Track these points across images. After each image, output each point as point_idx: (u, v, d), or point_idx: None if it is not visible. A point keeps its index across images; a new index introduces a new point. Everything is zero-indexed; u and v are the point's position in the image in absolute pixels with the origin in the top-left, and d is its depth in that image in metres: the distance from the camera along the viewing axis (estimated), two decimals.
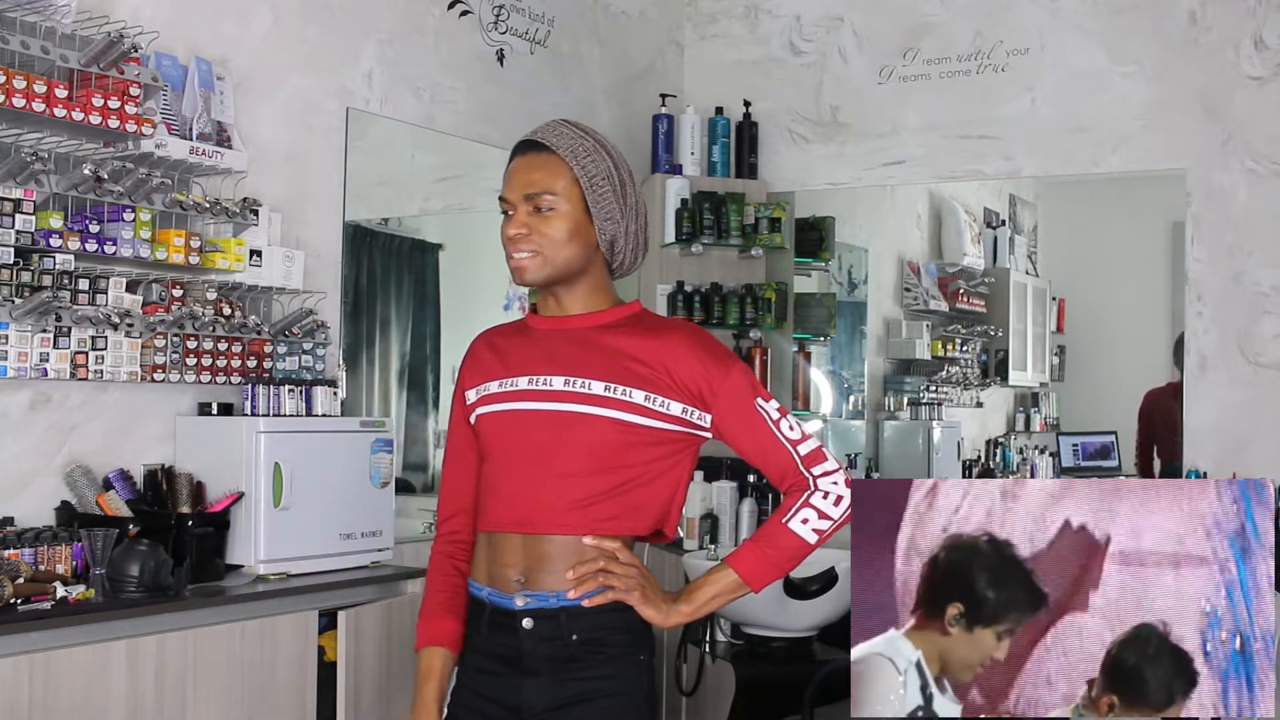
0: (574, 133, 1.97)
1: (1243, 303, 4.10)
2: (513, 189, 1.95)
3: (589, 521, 1.92)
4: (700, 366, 1.94)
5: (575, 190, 1.94)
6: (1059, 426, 4.83)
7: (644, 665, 1.97)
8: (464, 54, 4.21)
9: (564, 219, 1.94)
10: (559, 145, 1.94)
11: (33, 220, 2.78)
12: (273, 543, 3.05)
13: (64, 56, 2.85)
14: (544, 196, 1.93)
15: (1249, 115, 4.12)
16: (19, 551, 2.68)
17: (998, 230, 5.03)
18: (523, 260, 1.95)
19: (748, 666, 3.62)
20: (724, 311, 4.75)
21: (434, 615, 2.04)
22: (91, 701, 2.53)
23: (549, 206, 1.93)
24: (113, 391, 3.10)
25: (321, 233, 3.65)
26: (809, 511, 1.96)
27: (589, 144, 1.95)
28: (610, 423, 1.92)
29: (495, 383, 2.01)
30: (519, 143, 1.99)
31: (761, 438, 1.97)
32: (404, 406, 4.18)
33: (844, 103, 4.84)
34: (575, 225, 1.94)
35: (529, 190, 1.93)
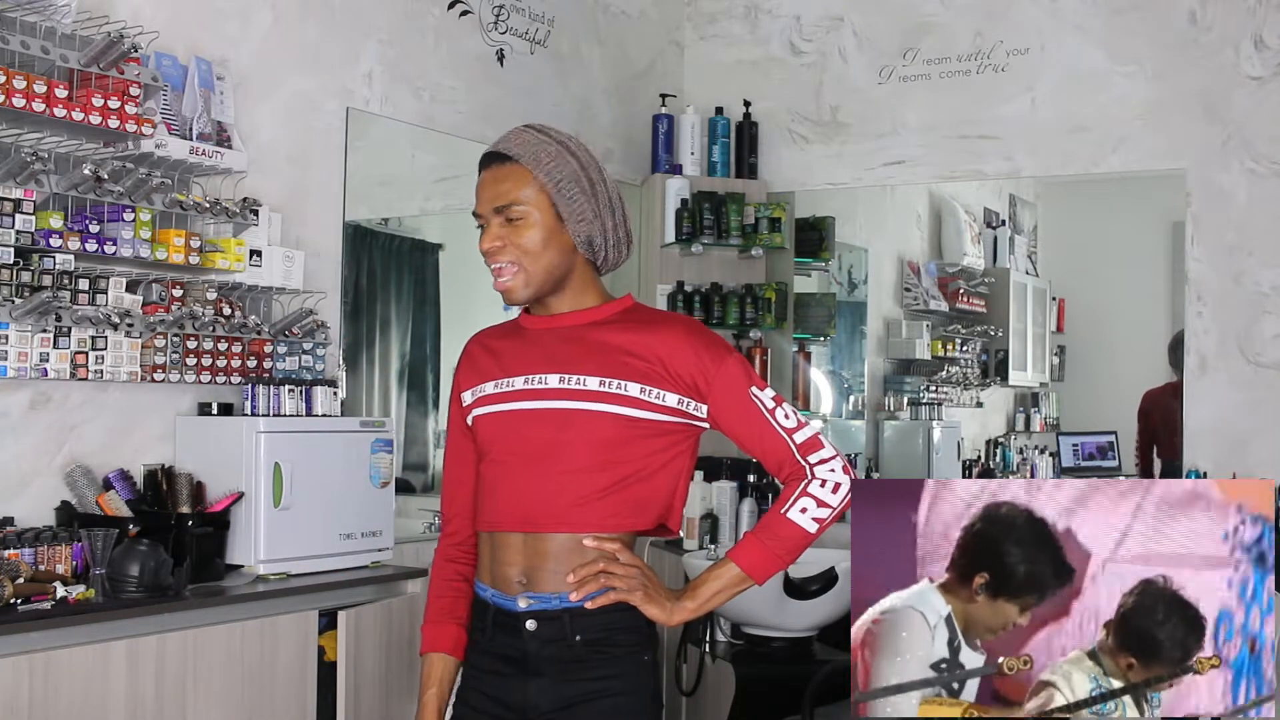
0: (536, 138, 1.96)
1: (1243, 303, 4.10)
2: (481, 203, 1.96)
3: (591, 518, 1.92)
4: (695, 357, 1.94)
5: (543, 196, 1.93)
6: (1059, 426, 4.83)
7: (648, 665, 1.97)
8: (464, 54, 4.21)
9: (536, 227, 1.93)
10: (521, 154, 1.94)
11: (33, 220, 2.78)
12: (273, 543, 3.05)
13: (64, 56, 2.85)
14: (512, 207, 1.93)
15: (1249, 115, 4.12)
16: (19, 551, 2.68)
17: (998, 230, 5.03)
18: (506, 282, 1.96)
19: (748, 666, 3.62)
20: (724, 311, 4.75)
21: (436, 621, 2.06)
22: (91, 701, 2.53)
23: (519, 216, 1.93)
24: (113, 391, 3.10)
25: (321, 233, 3.65)
26: (807, 500, 1.95)
27: (552, 148, 1.94)
28: (608, 417, 1.92)
29: (491, 383, 2.01)
30: (483, 155, 1.99)
31: (757, 426, 1.97)
32: (404, 406, 4.19)
33: (844, 103, 4.84)
34: (548, 231, 1.94)
35: (497, 203, 1.94)
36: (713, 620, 3.81)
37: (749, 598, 3.74)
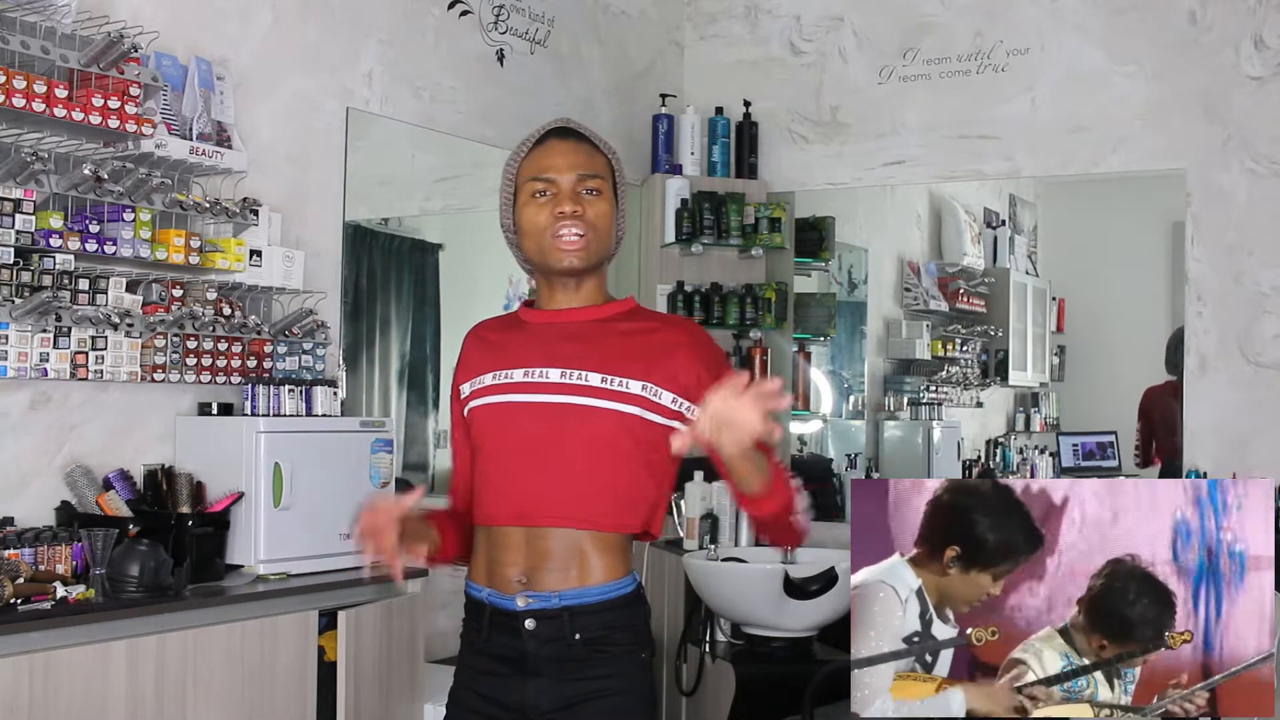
0: (596, 133, 2.04)
1: (1243, 303, 4.10)
2: (562, 169, 1.95)
3: (588, 515, 1.92)
4: (697, 362, 1.95)
5: (609, 184, 1.99)
6: (1059, 426, 4.83)
7: (645, 664, 1.97)
8: (464, 54, 4.21)
9: (608, 204, 1.98)
10: (596, 139, 2.01)
11: (33, 220, 2.78)
12: (273, 543, 3.05)
13: (64, 56, 2.85)
14: (595, 180, 1.96)
15: (1249, 115, 4.12)
16: (19, 551, 2.68)
17: (998, 230, 5.03)
18: (575, 242, 1.93)
19: (748, 666, 3.62)
20: (724, 311, 4.75)
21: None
22: (91, 701, 2.53)
23: (597, 190, 1.96)
24: (113, 391, 3.10)
25: (321, 233, 3.65)
26: (805, 494, 1.90)
27: (610, 144, 2.03)
28: (608, 414, 1.92)
29: (490, 375, 2.01)
30: (554, 129, 2.01)
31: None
32: (404, 406, 4.19)
33: (844, 103, 4.84)
34: (612, 214, 1.99)
35: (583, 170, 1.96)
36: (713, 620, 3.80)
37: (749, 598, 3.74)
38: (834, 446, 5.12)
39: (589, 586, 1.92)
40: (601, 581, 1.93)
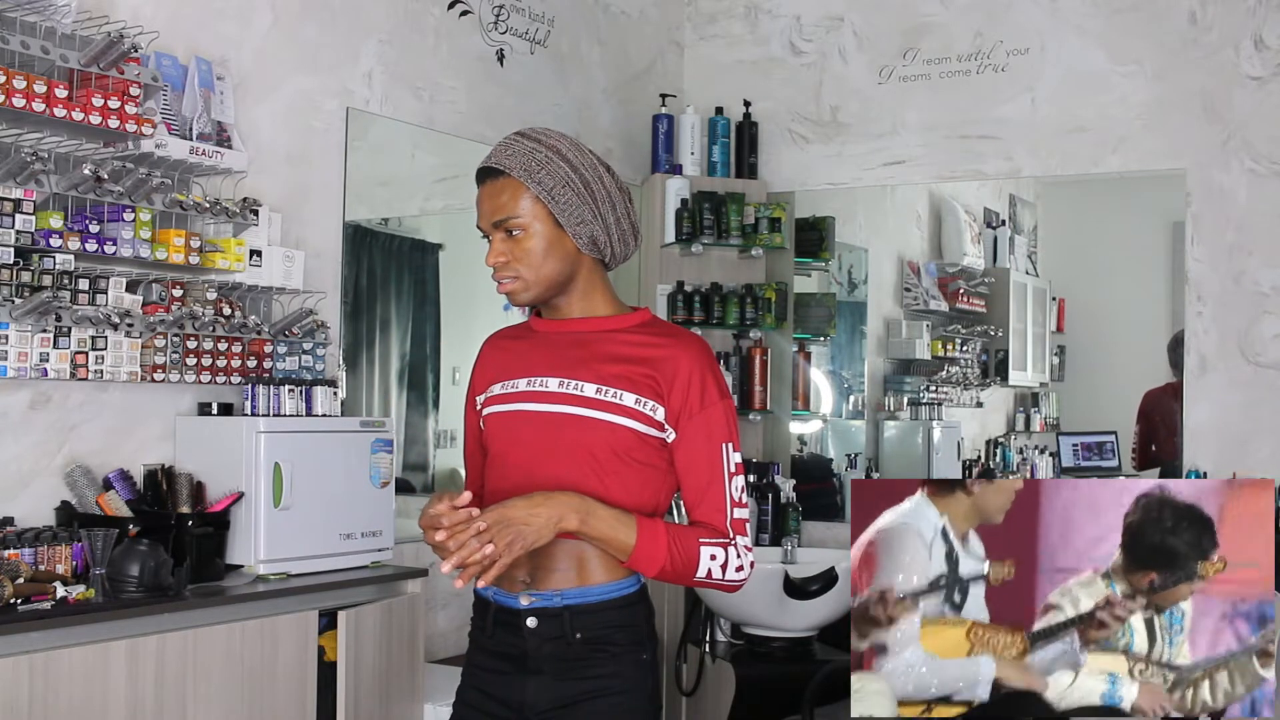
0: (525, 146, 1.96)
1: (1243, 303, 4.10)
2: (482, 217, 1.99)
3: None
4: (695, 385, 1.94)
5: (539, 206, 1.95)
6: (1059, 426, 4.82)
7: (647, 664, 1.98)
8: (464, 54, 4.21)
9: (536, 238, 1.95)
10: (511, 166, 1.94)
11: (33, 220, 2.78)
12: (273, 543, 3.05)
13: (64, 56, 2.85)
14: (511, 221, 1.95)
15: (1249, 115, 4.12)
16: (19, 551, 2.68)
17: (998, 230, 5.03)
18: (508, 285, 1.98)
19: (748, 666, 3.62)
20: (724, 311, 4.75)
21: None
22: (91, 701, 2.53)
23: (518, 229, 1.95)
24: (113, 391, 3.10)
25: (321, 233, 3.65)
26: (721, 553, 1.91)
27: (541, 154, 1.94)
28: (600, 424, 1.93)
29: (499, 385, 2.04)
30: (478, 170, 2.00)
31: (707, 476, 1.94)
32: (404, 406, 4.18)
33: (844, 103, 4.84)
34: (549, 240, 1.95)
35: (495, 217, 1.96)
36: (713, 620, 3.81)
37: (749, 598, 3.74)
38: (834, 446, 5.12)
39: (591, 586, 1.94)
40: (604, 581, 1.94)
